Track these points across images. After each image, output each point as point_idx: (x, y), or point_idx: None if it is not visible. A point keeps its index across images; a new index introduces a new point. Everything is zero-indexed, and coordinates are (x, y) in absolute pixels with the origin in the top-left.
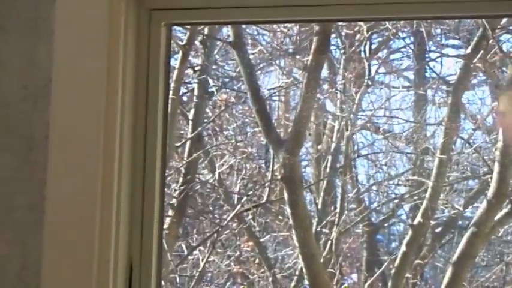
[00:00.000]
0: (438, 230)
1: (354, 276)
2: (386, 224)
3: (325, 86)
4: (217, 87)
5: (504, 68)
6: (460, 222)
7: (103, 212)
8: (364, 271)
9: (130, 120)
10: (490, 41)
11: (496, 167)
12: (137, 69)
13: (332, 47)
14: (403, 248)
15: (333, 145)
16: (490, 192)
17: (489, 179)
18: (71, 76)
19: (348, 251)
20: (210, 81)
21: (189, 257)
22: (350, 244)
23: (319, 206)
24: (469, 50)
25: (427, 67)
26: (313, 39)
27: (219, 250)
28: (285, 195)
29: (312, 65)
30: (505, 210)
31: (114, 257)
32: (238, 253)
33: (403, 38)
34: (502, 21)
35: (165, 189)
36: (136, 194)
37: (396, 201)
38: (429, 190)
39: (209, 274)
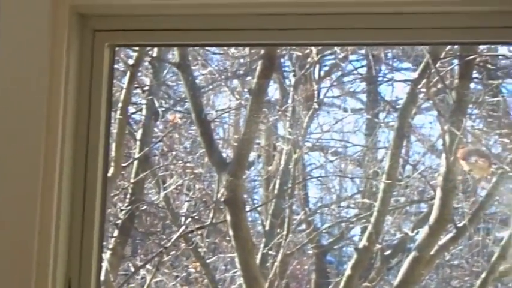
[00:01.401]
0: (387, 253)
1: None
2: (336, 246)
3: (277, 108)
4: (163, 109)
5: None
6: (411, 245)
7: (42, 231)
8: None
9: (72, 139)
10: (433, 70)
11: (439, 193)
12: (79, 90)
13: (282, 69)
14: (348, 271)
15: (281, 167)
16: (432, 218)
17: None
18: (12, 95)
19: (298, 273)
20: (160, 101)
21: (136, 278)
22: (301, 266)
23: (267, 228)
24: (416, 75)
25: (378, 90)
26: (258, 63)
27: (166, 271)
28: (228, 218)
29: (256, 88)
30: (450, 235)
31: (53, 276)
32: (185, 274)
33: (353, 61)
34: (446, 48)
35: (112, 208)
36: (76, 213)
37: (346, 223)
38: (374, 214)
39: None
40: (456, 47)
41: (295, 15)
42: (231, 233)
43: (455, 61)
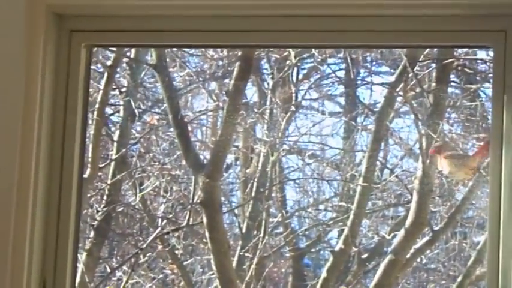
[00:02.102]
0: (364, 256)
1: None
2: (313, 249)
3: (255, 111)
4: (141, 110)
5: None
6: (388, 249)
7: (16, 232)
8: None
9: (48, 140)
10: (410, 74)
11: (415, 196)
12: (56, 90)
13: (261, 72)
14: (324, 273)
15: (258, 170)
16: (408, 221)
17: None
18: None
19: (276, 276)
20: (138, 103)
21: (113, 279)
22: (279, 269)
23: (244, 231)
24: (393, 79)
25: (357, 94)
26: (236, 65)
27: (142, 272)
28: (204, 219)
29: (233, 90)
30: (426, 238)
31: (27, 277)
32: (161, 276)
33: (332, 65)
34: (425, 51)
35: (88, 210)
36: (51, 214)
37: (323, 226)
38: (351, 217)
39: None
40: (435, 50)
41: (273, 17)
42: (207, 234)
43: (434, 65)
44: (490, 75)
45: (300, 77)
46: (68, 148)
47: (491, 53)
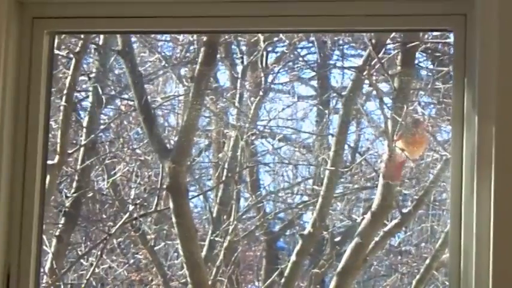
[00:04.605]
0: (337, 239)
1: (258, 284)
2: (287, 233)
3: (226, 95)
4: (109, 96)
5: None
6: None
7: None
8: (263, 279)
9: (11, 128)
10: (375, 59)
11: (381, 179)
12: (18, 78)
13: (232, 56)
14: (293, 257)
15: (229, 154)
16: (374, 204)
17: None
18: None
19: (251, 259)
20: (109, 88)
21: (85, 265)
22: (254, 253)
23: (214, 215)
24: (360, 62)
25: (328, 77)
26: (201, 50)
27: (114, 258)
28: (171, 205)
29: (197, 75)
30: (395, 221)
31: None
32: (134, 260)
33: (303, 48)
34: (390, 35)
35: (58, 196)
36: (15, 200)
37: (296, 210)
38: (319, 200)
39: (106, 282)
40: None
41: (241, 2)
42: (173, 219)
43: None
44: None
45: (271, 61)
46: (31, 135)
47: None
